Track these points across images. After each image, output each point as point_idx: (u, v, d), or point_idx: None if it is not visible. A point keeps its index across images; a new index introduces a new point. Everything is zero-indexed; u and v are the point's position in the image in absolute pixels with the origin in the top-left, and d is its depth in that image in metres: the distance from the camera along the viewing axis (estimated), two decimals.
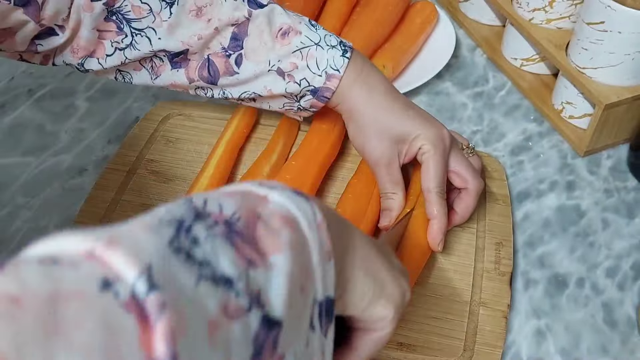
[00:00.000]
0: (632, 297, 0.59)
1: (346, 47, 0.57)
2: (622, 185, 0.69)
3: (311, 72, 0.56)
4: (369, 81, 0.57)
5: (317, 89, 0.57)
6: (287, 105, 0.59)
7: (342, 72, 0.56)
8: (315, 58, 0.56)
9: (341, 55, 0.56)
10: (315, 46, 0.56)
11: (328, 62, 0.56)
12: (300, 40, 0.56)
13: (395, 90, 0.59)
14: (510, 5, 0.79)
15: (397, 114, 0.57)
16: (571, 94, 0.72)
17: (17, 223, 0.62)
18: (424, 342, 0.53)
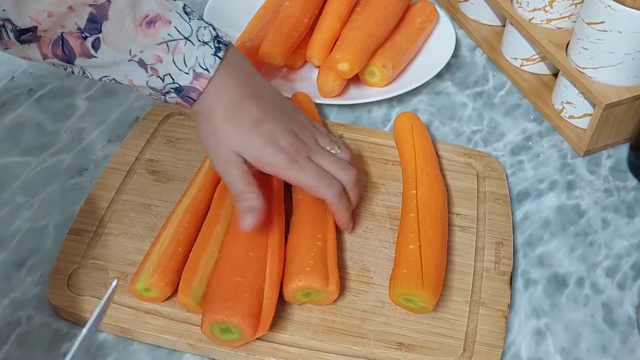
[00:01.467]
0: (632, 297, 0.59)
1: (220, 45, 0.53)
2: (622, 185, 0.69)
3: (177, 68, 0.51)
4: (229, 84, 0.53)
5: (183, 88, 0.52)
6: (153, 95, 0.55)
7: (212, 72, 0.52)
8: (183, 54, 0.51)
9: (213, 54, 0.52)
10: (185, 40, 0.51)
11: (197, 60, 0.51)
12: (168, 32, 0.51)
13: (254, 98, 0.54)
14: (510, 5, 0.79)
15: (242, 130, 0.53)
16: (571, 94, 0.72)
17: (17, 223, 0.62)
18: (423, 342, 0.54)
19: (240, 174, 0.54)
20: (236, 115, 0.54)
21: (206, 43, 0.52)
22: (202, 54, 0.52)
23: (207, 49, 0.52)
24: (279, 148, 0.54)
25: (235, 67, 0.54)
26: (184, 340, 0.53)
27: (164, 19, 0.51)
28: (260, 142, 0.54)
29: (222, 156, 0.54)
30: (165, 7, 0.51)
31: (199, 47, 0.52)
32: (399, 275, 0.54)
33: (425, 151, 0.65)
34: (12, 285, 0.57)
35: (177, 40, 0.51)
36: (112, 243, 0.59)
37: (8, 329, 0.54)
